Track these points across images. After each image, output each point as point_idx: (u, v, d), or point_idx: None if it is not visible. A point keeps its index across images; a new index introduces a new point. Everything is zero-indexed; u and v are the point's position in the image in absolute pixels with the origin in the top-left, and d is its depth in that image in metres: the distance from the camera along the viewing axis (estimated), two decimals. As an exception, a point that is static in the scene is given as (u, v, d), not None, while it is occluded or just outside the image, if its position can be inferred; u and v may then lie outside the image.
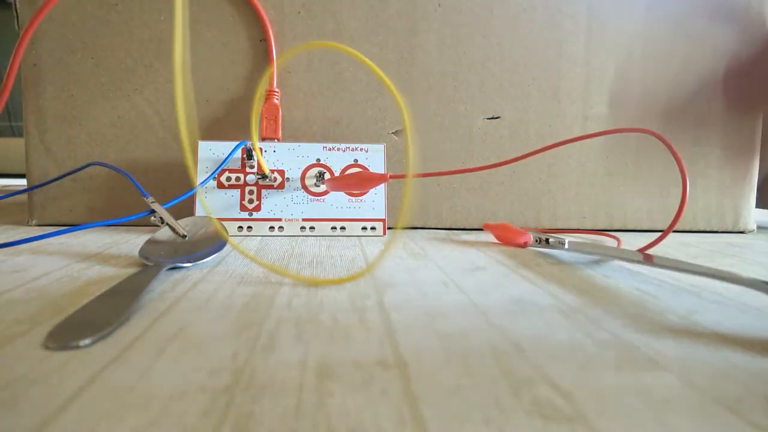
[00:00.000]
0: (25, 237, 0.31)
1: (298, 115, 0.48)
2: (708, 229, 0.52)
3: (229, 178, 0.44)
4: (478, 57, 0.49)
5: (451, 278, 0.28)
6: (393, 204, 0.49)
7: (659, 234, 0.39)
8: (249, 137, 0.46)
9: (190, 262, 0.29)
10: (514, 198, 0.50)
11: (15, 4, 0.45)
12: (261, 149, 0.44)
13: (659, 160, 0.51)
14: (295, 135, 0.48)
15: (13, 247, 0.34)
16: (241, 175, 0.44)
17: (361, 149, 0.46)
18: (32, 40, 0.45)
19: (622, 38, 0.50)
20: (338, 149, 0.45)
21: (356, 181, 0.43)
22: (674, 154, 0.35)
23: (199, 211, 0.42)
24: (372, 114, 0.49)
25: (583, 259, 0.34)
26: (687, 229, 0.52)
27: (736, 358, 0.17)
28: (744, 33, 0.51)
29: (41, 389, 0.14)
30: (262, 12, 0.47)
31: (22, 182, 1.33)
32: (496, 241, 0.42)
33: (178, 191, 0.42)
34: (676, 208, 0.51)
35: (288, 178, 0.44)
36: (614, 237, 0.46)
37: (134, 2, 0.46)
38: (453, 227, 0.50)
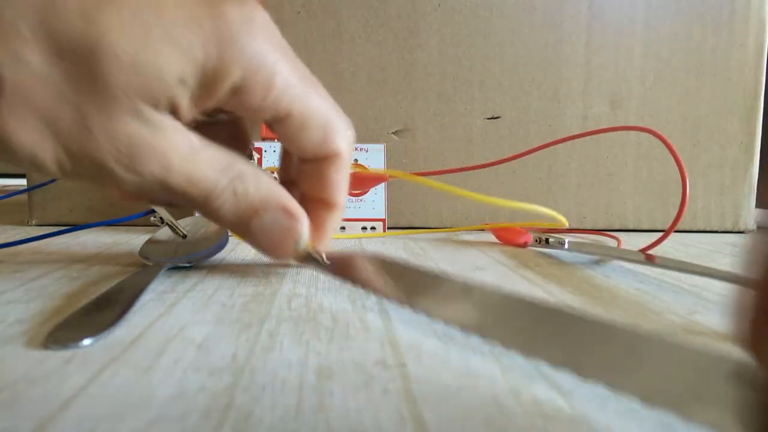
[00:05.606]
0: (25, 237, 0.31)
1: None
2: (708, 229, 0.52)
3: (229, 178, 0.44)
4: (478, 57, 0.49)
5: (451, 278, 0.28)
6: (393, 204, 0.49)
7: (659, 234, 0.39)
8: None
9: (190, 262, 0.29)
10: (514, 198, 0.50)
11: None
12: (260, 149, 0.44)
13: (659, 160, 0.51)
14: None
15: (13, 247, 0.34)
16: (241, 175, 0.44)
17: (361, 149, 0.46)
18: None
19: (622, 38, 0.50)
20: (338, 149, 0.45)
21: (356, 181, 0.43)
22: (674, 153, 0.35)
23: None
24: (372, 114, 0.48)
25: (583, 259, 0.34)
26: (687, 229, 0.52)
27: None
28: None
29: (41, 389, 0.14)
30: (262, 12, 0.47)
31: (22, 182, 1.33)
32: (496, 241, 0.42)
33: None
34: (676, 208, 0.51)
35: (288, 178, 0.44)
36: (614, 237, 0.46)
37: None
38: (453, 227, 0.50)
